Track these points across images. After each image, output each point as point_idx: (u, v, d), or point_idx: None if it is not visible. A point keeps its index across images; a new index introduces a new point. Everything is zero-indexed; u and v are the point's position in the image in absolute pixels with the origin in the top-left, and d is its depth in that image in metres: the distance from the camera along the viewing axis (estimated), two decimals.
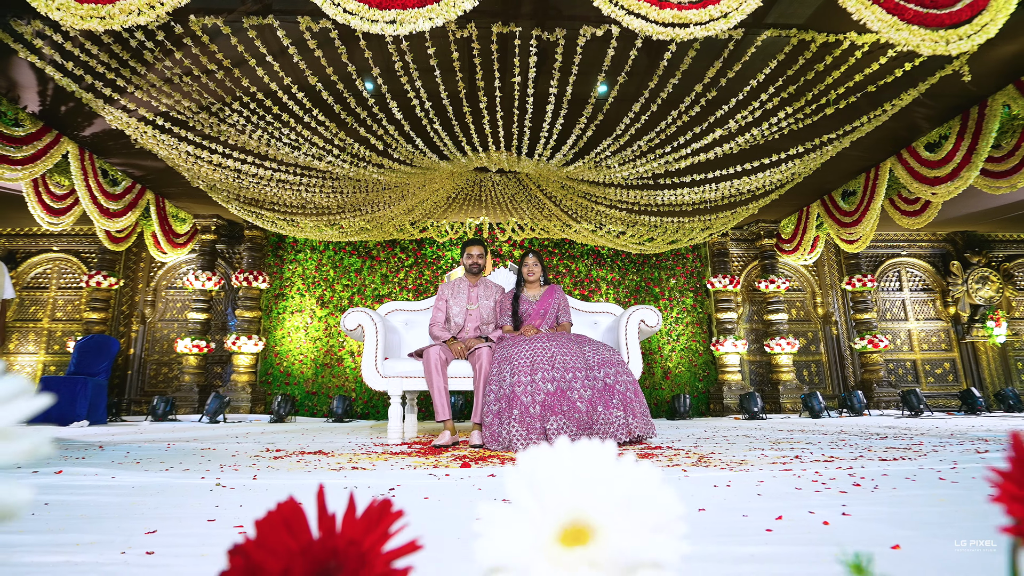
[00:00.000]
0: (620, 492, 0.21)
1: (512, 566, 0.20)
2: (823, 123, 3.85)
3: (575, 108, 3.67)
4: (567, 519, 0.21)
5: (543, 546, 0.20)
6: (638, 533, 0.19)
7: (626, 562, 0.19)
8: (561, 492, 0.21)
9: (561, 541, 0.20)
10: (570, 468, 0.22)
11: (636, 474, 0.21)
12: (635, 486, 0.21)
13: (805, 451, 2.33)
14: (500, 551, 0.20)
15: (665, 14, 2.20)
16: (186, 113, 3.63)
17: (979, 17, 2.34)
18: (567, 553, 0.20)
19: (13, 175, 4.16)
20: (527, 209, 5.79)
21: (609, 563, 0.19)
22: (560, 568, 0.19)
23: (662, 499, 0.20)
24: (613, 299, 7.00)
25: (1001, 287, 7.37)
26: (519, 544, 0.20)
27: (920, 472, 1.66)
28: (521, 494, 0.21)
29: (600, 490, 0.21)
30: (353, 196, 4.78)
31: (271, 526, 0.25)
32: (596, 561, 0.19)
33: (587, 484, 0.21)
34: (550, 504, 0.21)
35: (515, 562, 0.20)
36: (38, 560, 0.83)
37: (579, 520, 0.21)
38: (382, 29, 2.24)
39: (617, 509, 0.20)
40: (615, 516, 0.20)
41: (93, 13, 2.16)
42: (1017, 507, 0.26)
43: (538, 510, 0.21)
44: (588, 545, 0.20)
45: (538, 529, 0.21)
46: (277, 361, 6.65)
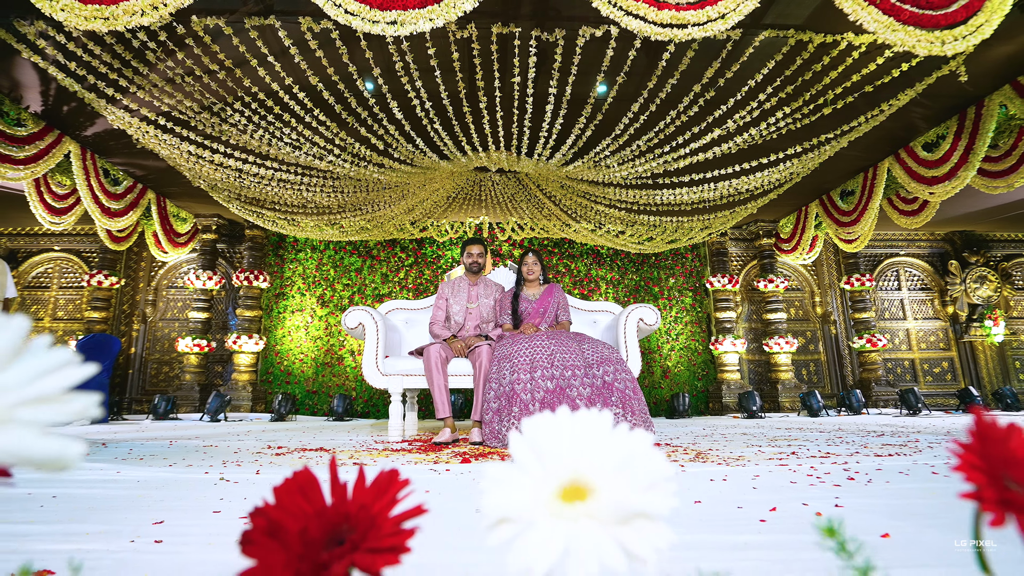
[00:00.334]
0: (616, 455, 0.23)
1: (516, 517, 0.22)
2: (821, 123, 3.87)
3: (574, 108, 3.69)
4: (567, 479, 0.23)
5: (545, 501, 0.22)
6: (632, 490, 0.22)
7: (621, 514, 0.21)
8: (562, 455, 0.23)
9: (562, 498, 0.23)
10: (570, 434, 0.24)
11: (631, 440, 0.24)
12: (629, 450, 0.23)
13: (802, 448, 2.35)
14: (506, 505, 0.22)
15: (663, 15, 2.22)
16: (188, 113, 3.65)
17: (974, 18, 2.36)
18: (567, 507, 0.22)
19: (15, 174, 4.18)
20: (527, 209, 5.81)
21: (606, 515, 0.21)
22: (561, 519, 0.22)
23: (654, 462, 0.23)
24: (612, 298, 7.03)
25: (999, 286, 7.39)
26: (523, 499, 0.22)
27: (914, 467, 1.68)
28: (525, 456, 0.24)
29: (598, 453, 0.23)
30: (354, 196, 4.80)
31: (288, 492, 0.27)
32: (594, 514, 0.22)
33: (586, 448, 0.23)
34: (551, 465, 0.23)
35: (519, 514, 0.22)
36: (50, 548, 0.85)
37: (578, 480, 0.23)
38: (383, 30, 2.26)
39: (613, 470, 0.22)
40: (611, 476, 0.22)
41: (97, 14, 2.18)
42: (976, 475, 0.28)
43: (540, 470, 0.23)
44: (587, 501, 0.22)
45: (540, 487, 0.23)
46: (278, 360, 6.68)
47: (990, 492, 0.27)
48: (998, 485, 0.28)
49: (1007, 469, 0.29)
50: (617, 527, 0.21)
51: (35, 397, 0.19)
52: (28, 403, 0.19)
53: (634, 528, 0.21)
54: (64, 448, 0.18)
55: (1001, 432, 0.30)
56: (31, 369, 0.20)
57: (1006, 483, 0.29)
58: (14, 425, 0.18)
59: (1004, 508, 0.27)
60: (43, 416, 0.18)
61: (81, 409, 0.19)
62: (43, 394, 0.19)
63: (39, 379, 0.19)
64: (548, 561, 0.20)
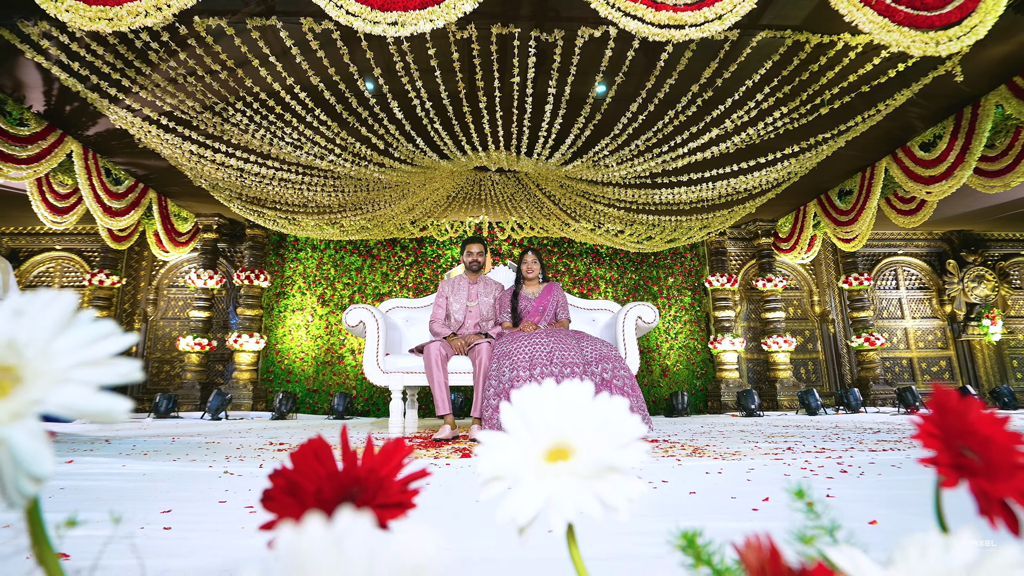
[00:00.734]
0: (595, 420, 0.26)
1: (507, 476, 0.25)
2: (818, 123, 3.90)
3: (573, 108, 3.71)
4: (552, 442, 0.26)
5: (532, 462, 0.25)
6: (608, 449, 0.24)
7: (598, 469, 0.24)
8: (547, 421, 0.26)
9: (547, 459, 0.25)
10: (555, 403, 0.27)
11: (609, 406, 0.26)
12: (607, 415, 0.26)
13: (798, 444, 2.38)
14: (497, 465, 0.25)
15: (660, 16, 2.25)
16: (190, 113, 3.68)
17: (968, 19, 2.38)
18: (551, 466, 0.25)
19: (18, 174, 4.21)
20: (526, 208, 5.83)
21: (585, 471, 0.24)
22: (545, 476, 0.24)
23: (627, 425, 0.25)
24: (612, 297, 7.05)
25: (997, 286, 7.42)
26: (512, 460, 0.25)
27: (907, 461, 1.71)
28: (514, 424, 0.26)
29: (579, 419, 0.26)
30: (354, 195, 4.83)
31: (304, 457, 0.30)
32: (574, 470, 0.24)
33: (568, 414, 0.26)
34: (538, 430, 0.26)
35: (509, 473, 0.25)
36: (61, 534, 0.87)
37: (561, 443, 0.26)
38: (384, 31, 2.28)
39: (593, 432, 0.25)
40: (591, 438, 0.25)
41: (101, 15, 2.20)
42: (933, 442, 0.31)
43: (528, 435, 0.26)
44: (569, 460, 0.25)
45: (528, 450, 0.25)
46: (278, 359, 6.70)
47: (944, 457, 0.30)
48: (953, 452, 0.31)
49: (963, 439, 0.32)
50: (594, 481, 0.24)
51: (86, 361, 0.21)
52: (80, 366, 0.21)
53: (609, 482, 0.24)
54: (112, 404, 0.21)
55: (960, 406, 0.33)
56: (81, 337, 0.22)
57: (962, 451, 0.31)
58: (71, 384, 0.21)
59: (957, 472, 0.30)
60: (94, 377, 0.21)
61: (126, 372, 0.22)
62: (92, 358, 0.22)
63: (88, 346, 0.22)
64: (533, 509, 0.23)
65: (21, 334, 0.21)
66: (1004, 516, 0.28)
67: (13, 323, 0.22)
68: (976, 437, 0.31)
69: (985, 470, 0.30)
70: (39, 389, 0.20)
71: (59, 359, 0.21)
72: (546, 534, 0.88)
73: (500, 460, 0.25)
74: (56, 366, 0.21)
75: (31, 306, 0.22)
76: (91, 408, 0.20)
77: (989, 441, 0.31)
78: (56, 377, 0.20)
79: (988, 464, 0.30)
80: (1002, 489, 0.29)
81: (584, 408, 0.26)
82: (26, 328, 0.22)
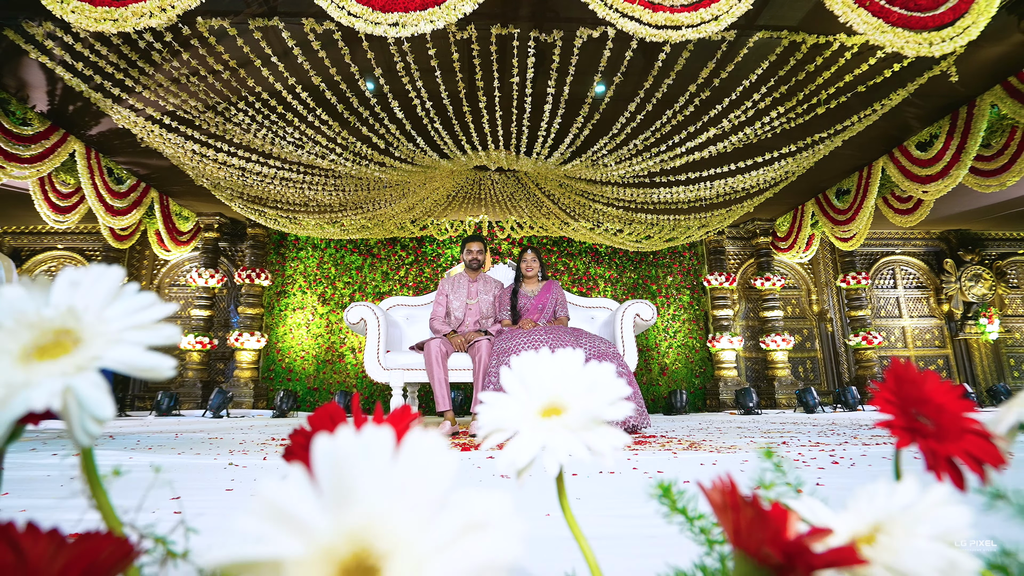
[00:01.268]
0: (584, 382, 0.29)
1: (506, 428, 0.28)
2: (815, 122, 3.93)
3: (572, 108, 3.74)
4: (546, 401, 0.29)
5: (529, 417, 0.28)
6: (596, 406, 0.27)
7: (586, 422, 0.27)
8: (542, 383, 0.29)
9: (542, 415, 0.28)
10: (549, 368, 0.30)
11: (597, 370, 0.29)
12: (596, 377, 0.29)
13: (793, 439, 2.41)
14: (498, 419, 0.28)
15: (658, 17, 2.28)
16: (192, 112, 3.71)
17: (961, 20, 2.42)
18: (546, 421, 0.28)
19: (21, 173, 4.23)
20: (526, 207, 5.87)
21: (575, 424, 0.27)
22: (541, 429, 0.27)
23: (614, 386, 0.28)
24: (611, 296, 7.09)
25: (994, 285, 7.45)
26: (511, 415, 0.28)
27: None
28: (514, 385, 0.29)
29: (570, 381, 0.29)
30: (355, 194, 4.86)
31: (320, 418, 0.33)
32: (566, 424, 0.27)
33: (561, 378, 0.29)
34: (534, 391, 0.29)
35: (508, 426, 0.28)
36: (74, 518, 0.91)
37: (555, 402, 0.29)
38: (385, 31, 2.31)
39: (583, 392, 0.28)
40: (581, 396, 0.28)
41: (106, 16, 2.23)
42: (888, 408, 0.34)
43: (526, 395, 0.29)
44: (561, 415, 0.28)
45: (525, 407, 0.29)
46: (279, 357, 6.73)
47: (899, 420, 0.33)
48: (907, 416, 0.34)
49: (918, 406, 0.35)
50: (584, 432, 0.27)
51: (134, 324, 0.24)
52: (130, 329, 0.24)
53: (596, 433, 0.27)
54: (159, 361, 0.24)
55: (917, 376, 0.36)
56: (129, 305, 0.25)
57: (916, 416, 0.34)
58: (123, 344, 0.24)
59: (910, 434, 0.33)
60: (142, 338, 0.24)
61: (168, 335, 0.25)
62: (140, 322, 0.25)
63: (135, 312, 0.25)
64: (530, 455, 0.26)
65: (79, 302, 0.25)
66: (950, 472, 0.31)
67: (71, 293, 0.25)
68: (930, 405, 0.35)
69: (936, 433, 0.33)
70: (97, 348, 0.23)
71: (112, 323, 0.24)
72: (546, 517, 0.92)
73: (500, 415, 0.28)
74: (110, 329, 0.24)
75: (85, 278, 0.26)
76: (142, 364, 0.23)
77: (942, 408, 0.34)
78: (111, 338, 0.23)
79: (939, 428, 0.33)
80: (950, 448, 0.32)
81: (575, 372, 0.29)
82: (82, 297, 0.25)
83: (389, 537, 0.13)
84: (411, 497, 0.13)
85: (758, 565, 0.20)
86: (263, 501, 0.14)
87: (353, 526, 0.13)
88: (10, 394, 0.20)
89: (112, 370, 0.24)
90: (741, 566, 0.21)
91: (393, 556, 0.12)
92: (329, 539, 0.13)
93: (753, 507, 0.21)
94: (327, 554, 0.13)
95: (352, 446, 0.14)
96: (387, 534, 0.13)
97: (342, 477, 0.14)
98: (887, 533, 0.24)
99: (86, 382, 0.22)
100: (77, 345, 0.23)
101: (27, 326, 0.23)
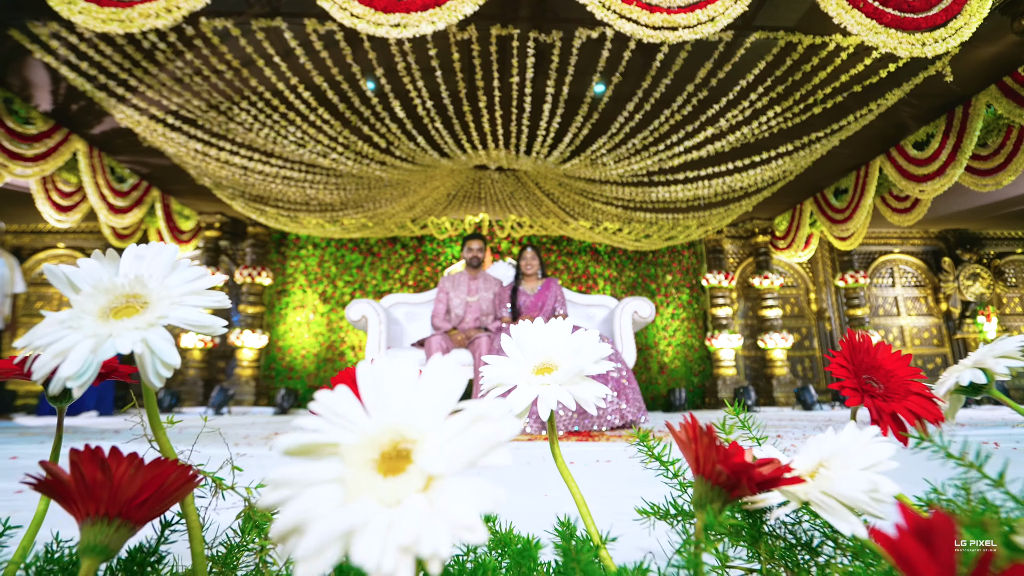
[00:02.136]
0: (572, 345, 0.33)
1: (505, 382, 0.32)
2: (812, 122, 3.97)
3: (572, 107, 3.79)
4: (540, 361, 0.33)
5: (524, 374, 0.33)
6: (582, 363, 0.32)
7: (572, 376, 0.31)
8: (537, 346, 0.34)
9: (536, 373, 0.33)
10: (542, 334, 0.34)
11: (583, 336, 0.34)
12: (581, 342, 0.33)
13: (788, 432, 2.46)
14: (499, 376, 0.33)
15: (655, 18, 2.33)
16: (195, 112, 3.75)
17: (953, 21, 2.46)
18: (539, 376, 0.32)
19: (24, 172, 4.27)
20: (526, 206, 5.91)
21: (564, 377, 0.32)
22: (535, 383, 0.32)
23: (597, 346, 0.33)
24: (610, 294, 7.13)
25: (991, 284, 7.50)
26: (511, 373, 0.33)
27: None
28: (512, 349, 0.34)
29: (560, 344, 0.33)
30: (356, 193, 4.90)
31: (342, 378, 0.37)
32: (556, 379, 0.32)
33: (553, 342, 0.34)
34: (530, 353, 0.33)
35: (508, 381, 0.32)
36: None
37: (547, 362, 0.33)
38: (387, 32, 2.36)
39: (571, 353, 0.33)
40: (569, 356, 0.32)
41: (113, 17, 2.28)
42: (841, 371, 0.38)
43: (522, 357, 0.33)
44: (552, 372, 0.32)
45: (521, 367, 0.33)
46: (280, 356, 6.77)
47: (849, 382, 0.38)
48: (858, 379, 0.38)
49: (871, 372, 0.39)
50: (571, 386, 0.31)
51: (191, 291, 0.29)
52: (188, 294, 0.29)
53: (582, 386, 0.31)
54: (214, 320, 0.28)
55: (869, 346, 0.40)
56: (185, 275, 0.30)
57: (866, 379, 0.39)
58: (183, 306, 0.28)
59: (859, 394, 0.38)
60: (198, 302, 0.28)
61: (218, 299, 0.29)
62: (196, 289, 0.29)
63: (192, 281, 0.29)
64: (525, 403, 0.31)
65: (144, 272, 0.29)
66: (893, 426, 0.36)
67: (136, 264, 0.29)
68: (880, 370, 0.39)
69: (883, 394, 0.38)
70: (162, 309, 0.27)
71: (172, 289, 0.29)
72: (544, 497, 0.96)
73: (501, 372, 0.33)
74: (171, 294, 0.28)
75: (147, 253, 0.30)
76: (200, 322, 0.27)
77: (891, 373, 0.39)
78: (173, 301, 0.28)
79: (888, 390, 0.38)
80: (895, 406, 0.37)
81: (564, 338, 0.34)
82: (146, 268, 0.29)
83: (417, 430, 0.17)
84: (432, 402, 0.17)
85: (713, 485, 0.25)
86: (322, 405, 0.18)
87: (390, 423, 0.17)
88: (100, 342, 0.25)
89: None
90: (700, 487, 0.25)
91: (421, 442, 0.17)
92: (372, 432, 0.17)
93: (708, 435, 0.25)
94: (371, 441, 0.17)
95: (388, 369, 0.19)
96: (415, 428, 0.17)
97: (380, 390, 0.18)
98: (827, 467, 0.28)
99: (157, 335, 0.26)
100: (145, 307, 0.28)
101: (103, 291, 0.28)
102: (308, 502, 0.15)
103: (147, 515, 0.25)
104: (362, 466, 0.16)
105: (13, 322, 4.90)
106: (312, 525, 0.14)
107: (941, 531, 0.16)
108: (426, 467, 0.15)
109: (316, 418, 0.18)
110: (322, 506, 0.15)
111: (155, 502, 0.25)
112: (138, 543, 0.38)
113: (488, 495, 0.15)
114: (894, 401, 0.37)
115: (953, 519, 0.16)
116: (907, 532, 0.16)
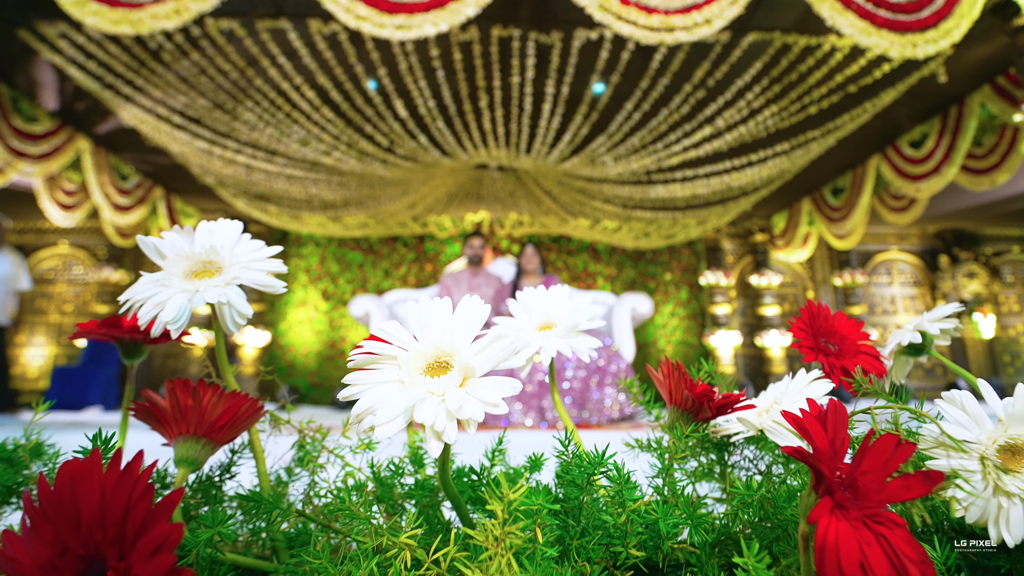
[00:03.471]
0: (568, 307, 0.39)
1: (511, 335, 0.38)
2: (808, 121, 4.03)
3: (571, 107, 3.85)
4: (541, 320, 0.39)
5: (528, 330, 0.39)
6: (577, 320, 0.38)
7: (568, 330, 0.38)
8: (539, 308, 0.40)
9: (538, 329, 0.39)
10: (543, 298, 0.40)
11: (578, 300, 0.40)
12: (576, 304, 0.39)
13: None
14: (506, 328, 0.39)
15: (652, 20, 2.38)
16: (200, 111, 3.80)
17: (944, 23, 2.52)
18: (541, 332, 0.39)
19: (30, 170, 4.33)
20: (526, 205, 5.97)
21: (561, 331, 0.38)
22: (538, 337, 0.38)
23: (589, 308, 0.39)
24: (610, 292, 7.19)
25: (989, 282, 7.56)
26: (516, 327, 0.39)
27: None
28: (517, 310, 0.40)
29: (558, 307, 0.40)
30: (358, 191, 4.96)
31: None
32: (556, 334, 0.38)
33: (552, 304, 0.40)
34: (533, 313, 0.40)
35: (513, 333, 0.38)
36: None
37: (547, 320, 0.39)
38: (391, 34, 2.41)
39: (567, 313, 0.39)
40: (566, 315, 0.39)
41: (124, 19, 2.33)
42: (801, 335, 0.45)
43: (526, 316, 0.40)
44: (552, 328, 0.39)
45: (526, 323, 0.39)
46: (281, 353, 6.84)
47: (808, 343, 0.44)
48: (816, 342, 0.44)
49: (828, 336, 0.46)
50: (567, 339, 0.37)
51: (256, 258, 0.35)
52: (253, 261, 0.35)
53: (576, 339, 0.37)
54: (276, 281, 0.34)
55: (827, 313, 0.46)
56: (248, 246, 0.36)
57: (824, 342, 0.45)
58: (250, 270, 0.34)
59: (815, 353, 0.44)
60: (262, 267, 0.35)
61: (277, 266, 0.35)
62: (259, 257, 0.35)
63: (255, 251, 0.35)
64: (528, 353, 0.37)
65: (216, 242, 0.35)
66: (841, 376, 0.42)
67: (209, 237, 0.36)
68: (836, 335, 0.45)
69: (836, 354, 0.44)
70: (234, 272, 0.33)
71: (241, 256, 0.35)
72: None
73: (508, 326, 0.39)
74: (240, 260, 0.34)
75: (217, 227, 0.36)
76: (265, 282, 0.34)
77: (845, 337, 0.45)
78: (242, 266, 0.34)
79: (840, 350, 0.44)
80: (845, 363, 0.43)
81: (562, 301, 0.40)
82: (218, 239, 0.35)
83: (453, 346, 0.23)
84: (464, 326, 0.24)
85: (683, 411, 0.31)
86: (379, 330, 0.24)
87: (433, 342, 0.23)
88: (191, 295, 0.31)
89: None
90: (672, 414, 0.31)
91: (456, 355, 0.23)
92: (419, 348, 0.23)
93: (679, 371, 0.31)
94: (419, 355, 0.23)
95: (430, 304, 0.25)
96: (452, 345, 0.23)
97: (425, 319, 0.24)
98: (779, 404, 0.34)
99: (234, 292, 0.32)
100: (219, 271, 0.34)
101: (184, 258, 0.34)
102: (379, 392, 0.21)
103: (226, 437, 0.31)
104: (415, 372, 0.22)
105: (19, 319, 4.96)
106: (383, 406, 0.20)
107: (834, 412, 0.22)
108: (464, 366, 0.21)
109: (374, 342, 0.24)
110: (390, 394, 0.21)
111: (231, 426, 0.31)
112: (208, 470, 0.45)
113: (507, 384, 0.21)
114: (845, 359, 0.43)
115: (843, 406, 0.22)
116: (808, 413, 0.22)
